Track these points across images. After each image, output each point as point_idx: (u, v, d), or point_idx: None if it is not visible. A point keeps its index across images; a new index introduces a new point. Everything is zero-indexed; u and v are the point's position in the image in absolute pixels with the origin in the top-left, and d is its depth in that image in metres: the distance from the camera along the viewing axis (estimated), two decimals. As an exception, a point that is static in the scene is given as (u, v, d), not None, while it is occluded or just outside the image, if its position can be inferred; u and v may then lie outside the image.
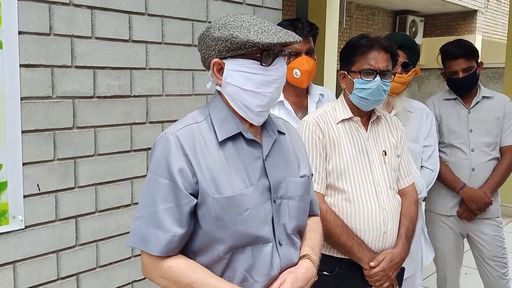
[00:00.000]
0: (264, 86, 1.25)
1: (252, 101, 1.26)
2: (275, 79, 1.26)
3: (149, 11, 2.04)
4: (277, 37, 1.20)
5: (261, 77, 1.24)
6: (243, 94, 1.26)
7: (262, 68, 1.23)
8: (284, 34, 1.23)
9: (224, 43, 1.22)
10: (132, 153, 2.04)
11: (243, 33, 1.20)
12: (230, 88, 1.27)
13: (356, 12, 10.69)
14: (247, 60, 1.23)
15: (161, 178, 1.21)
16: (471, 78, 2.57)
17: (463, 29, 11.69)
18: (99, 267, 1.98)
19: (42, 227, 1.80)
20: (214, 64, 1.27)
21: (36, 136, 1.77)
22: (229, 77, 1.26)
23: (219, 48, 1.24)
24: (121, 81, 1.98)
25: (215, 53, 1.26)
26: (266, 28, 1.23)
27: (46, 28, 1.76)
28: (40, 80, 1.76)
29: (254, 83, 1.24)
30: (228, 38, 1.21)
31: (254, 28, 1.22)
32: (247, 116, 1.29)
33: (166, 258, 1.21)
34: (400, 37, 2.34)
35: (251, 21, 1.24)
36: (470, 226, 2.68)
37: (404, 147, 2.00)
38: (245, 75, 1.24)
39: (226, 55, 1.24)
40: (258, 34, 1.20)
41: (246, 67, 1.24)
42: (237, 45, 1.21)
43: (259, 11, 2.47)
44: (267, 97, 1.26)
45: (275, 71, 1.25)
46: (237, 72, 1.25)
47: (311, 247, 1.39)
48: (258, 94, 1.25)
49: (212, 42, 1.25)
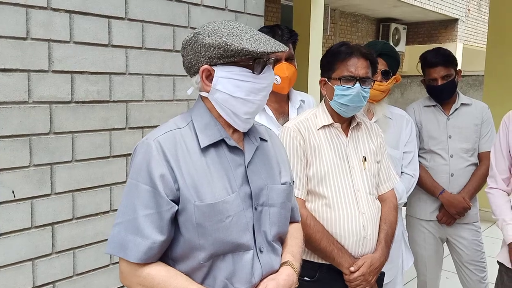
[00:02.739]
0: (253, 93, 1.26)
1: (241, 108, 1.26)
2: (264, 87, 1.27)
3: (129, 16, 2.03)
4: (269, 46, 1.22)
5: (251, 85, 1.25)
6: (232, 101, 1.26)
7: (253, 76, 1.24)
8: (273, 43, 1.25)
9: (216, 50, 1.21)
10: (111, 159, 2.01)
11: (236, 40, 1.20)
12: (219, 95, 1.27)
13: (340, 19, 10.79)
14: (238, 67, 1.23)
15: (142, 184, 1.19)
16: (450, 86, 2.61)
17: (444, 37, 11.89)
18: (76, 275, 1.95)
19: (17, 235, 1.77)
20: (204, 70, 1.25)
21: (11, 142, 1.74)
22: (219, 84, 1.25)
23: (210, 55, 1.23)
24: (100, 86, 1.96)
25: (204, 59, 1.24)
26: (256, 36, 1.24)
27: (23, 32, 1.74)
28: (16, 85, 1.74)
29: (244, 91, 1.25)
30: (221, 45, 1.20)
31: (246, 36, 1.22)
32: (234, 123, 1.29)
33: (145, 266, 1.19)
34: (380, 45, 2.37)
35: (241, 28, 1.25)
36: (449, 231, 2.72)
37: (384, 153, 2.02)
38: (236, 82, 1.24)
39: (217, 62, 1.23)
40: (251, 43, 1.20)
41: (237, 75, 1.24)
42: (231, 53, 1.21)
43: (241, 17, 2.47)
44: (255, 105, 1.27)
45: (265, 79, 1.27)
46: (227, 79, 1.24)
47: (292, 254, 1.39)
48: (247, 102, 1.26)
49: (202, 49, 1.24)
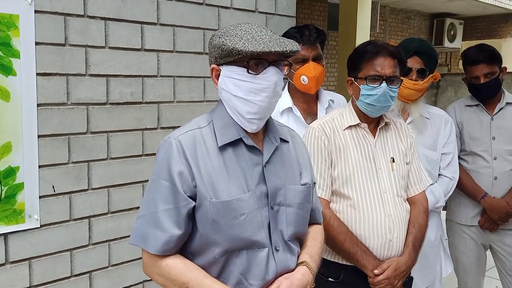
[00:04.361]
0: (253, 94, 1.26)
1: (243, 108, 1.28)
2: (264, 88, 1.26)
3: (161, 21, 2.12)
4: (262, 46, 1.21)
5: (250, 85, 1.26)
6: (234, 100, 1.29)
7: (250, 76, 1.25)
8: (274, 43, 1.22)
9: (217, 50, 1.27)
10: (143, 158, 2.11)
11: (232, 41, 1.23)
12: (224, 94, 1.31)
13: (391, 16, 10.47)
14: (237, 67, 1.26)
15: (162, 180, 1.25)
16: (493, 84, 2.48)
17: (505, 32, 11.21)
18: (111, 266, 2.06)
19: (56, 226, 1.90)
20: (213, 69, 1.32)
21: (51, 140, 1.87)
22: (223, 83, 1.30)
23: (215, 55, 1.29)
24: (133, 88, 2.06)
25: (213, 59, 1.31)
26: (258, 37, 1.23)
27: (62, 39, 1.86)
28: (56, 88, 1.87)
29: (243, 90, 1.27)
30: (219, 46, 1.26)
31: (247, 36, 1.23)
32: (241, 123, 1.32)
33: (164, 257, 1.26)
34: (416, 42, 2.30)
35: (249, 30, 1.26)
36: (492, 237, 2.59)
37: (414, 154, 1.97)
38: (235, 81, 1.27)
39: (221, 62, 1.29)
40: (246, 43, 1.21)
41: (236, 74, 1.27)
42: (226, 52, 1.24)
43: (272, 19, 2.49)
44: (256, 105, 1.27)
45: (264, 80, 1.25)
46: (229, 79, 1.28)
47: (309, 255, 1.39)
48: (248, 102, 1.27)
49: (212, 49, 1.31)
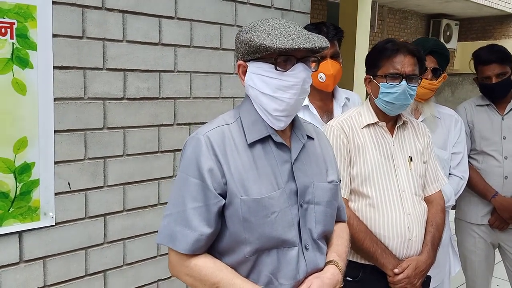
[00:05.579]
0: (281, 91, 1.24)
1: (270, 105, 1.26)
2: (292, 84, 1.23)
3: (178, 15, 2.09)
4: (291, 42, 1.18)
5: (278, 82, 1.23)
6: (261, 97, 1.27)
7: (278, 72, 1.23)
8: (303, 40, 1.19)
9: (244, 46, 1.25)
10: (159, 154, 2.07)
11: (260, 37, 1.20)
12: (251, 91, 1.29)
13: (389, 16, 10.52)
14: (265, 63, 1.24)
15: (191, 178, 1.23)
16: (505, 84, 2.50)
17: (499, 33, 11.32)
18: (125, 265, 2.03)
19: (72, 224, 1.86)
20: (239, 66, 1.30)
21: (68, 136, 1.83)
22: (250, 79, 1.28)
23: (242, 51, 1.27)
24: (150, 84, 2.03)
25: (240, 55, 1.29)
26: (287, 33, 1.21)
27: (79, 31, 1.83)
28: (73, 82, 1.83)
29: (271, 87, 1.24)
30: (247, 41, 1.23)
31: (275, 32, 1.21)
32: (267, 120, 1.29)
33: (193, 257, 1.23)
34: (431, 42, 2.31)
35: (276, 25, 1.23)
36: (501, 236, 2.60)
37: (431, 153, 1.96)
38: (263, 78, 1.25)
39: (248, 58, 1.26)
40: (274, 39, 1.19)
41: (264, 71, 1.24)
42: (254, 49, 1.22)
43: (287, 15, 2.47)
44: (284, 102, 1.25)
45: (293, 77, 1.23)
46: (256, 75, 1.26)
47: (337, 253, 1.38)
48: (275, 99, 1.25)
49: (239, 45, 1.29)
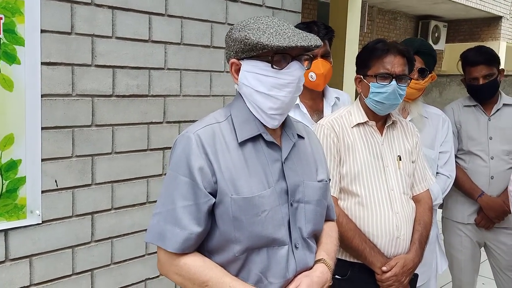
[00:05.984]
0: (276, 89, 1.24)
1: (265, 103, 1.26)
2: (288, 82, 1.24)
3: (169, 12, 2.07)
4: (288, 40, 1.18)
5: (273, 80, 1.23)
6: (256, 95, 1.26)
7: (273, 71, 1.23)
8: (299, 38, 1.20)
9: (239, 44, 1.24)
10: (148, 152, 2.06)
11: (256, 35, 1.20)
12: (245, 89, 1.28)
13: (378, 17, 10.59)
14: (260, 62, 1.24)
15: (181, 176, 1.22)
16: (492, 85, 2.53)
17: (487, 35, 11.47)
18: (113, 263, 2.01)
19: (58, 223, 1.84)
20: (232, 64, 1.29)
21: (55, 133, 1.81)
22: (244, 78, 1.27)
23: (236, 49, 1.26)
24: (139, 81, 2.01)
25: (233, 53, 1.28)
26: (282, 31, 1.21)
27: (68, 27, 1.80)
28: (61, 78, 1.80)
29: (266, 86, 1.24)
30: (242, 39, 1.23)
31: (270, 30, 1.21)
32: (261, 118, 1.29)
33: (182, 255, 1.22)
34: (418, 42, 2.33)
35: (270, 23, 1.24)
36: (487, 235, 2.64)
37: (419, 153, 1.98)
38: (258, 76, 1.24)
39: (242, 56, 1.26)
40: (270, 37, 1.19)
41: (259, 69, 1.24)
42: (249, 47, 1.22)
43: (279, 14, 2.47)
44: (279, 100, 1.25)
45: (288, 75, 1.24)
46: (250, 74, 1.25)
47: (326, 252, 1.38)
48: (270, 97, 1.25)
49: (232, 43, 1.28)
